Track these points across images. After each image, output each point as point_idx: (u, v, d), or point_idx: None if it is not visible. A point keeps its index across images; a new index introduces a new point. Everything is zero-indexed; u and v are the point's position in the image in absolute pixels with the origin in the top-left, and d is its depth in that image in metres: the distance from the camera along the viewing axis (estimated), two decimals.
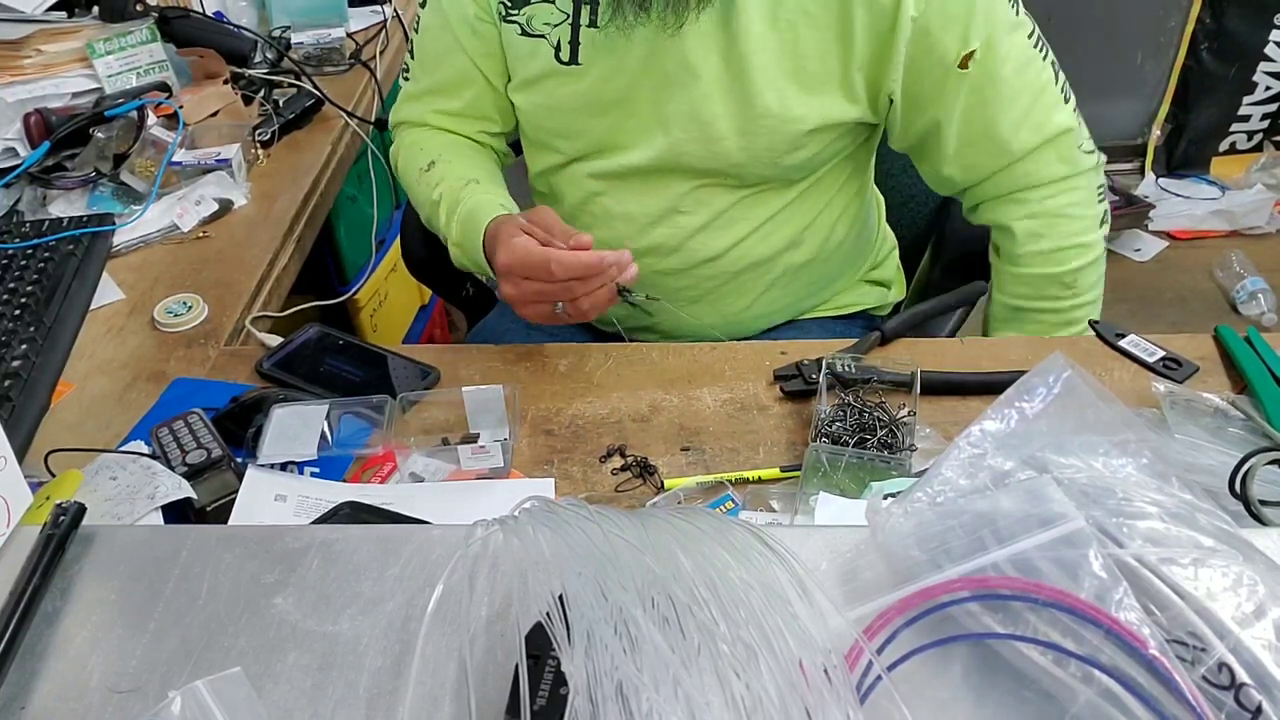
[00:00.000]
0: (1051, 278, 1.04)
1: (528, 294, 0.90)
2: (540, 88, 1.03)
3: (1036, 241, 1.03)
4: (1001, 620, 0.48)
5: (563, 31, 0.99)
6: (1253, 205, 2.77)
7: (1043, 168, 1.00)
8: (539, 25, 1.00)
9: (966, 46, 0.93)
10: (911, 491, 0.54)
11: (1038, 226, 1.02)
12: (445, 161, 1.07)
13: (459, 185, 1.03)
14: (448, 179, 1.05)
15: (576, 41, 0.99)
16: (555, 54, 1.00)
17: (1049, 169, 1.00)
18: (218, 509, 0.78)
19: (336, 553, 0.60)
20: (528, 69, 1.03)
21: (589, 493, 0.82)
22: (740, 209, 1.04)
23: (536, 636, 0.47)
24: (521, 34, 1.01)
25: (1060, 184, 1.01)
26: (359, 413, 0.87)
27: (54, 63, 1.35)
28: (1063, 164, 1.00)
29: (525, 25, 1.01)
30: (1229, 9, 2.70)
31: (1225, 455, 0.77)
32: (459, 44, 1.05)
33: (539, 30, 1.00)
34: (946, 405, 0.88)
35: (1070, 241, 1.02)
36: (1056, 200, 1.01)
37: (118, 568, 0.60)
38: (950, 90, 0.96)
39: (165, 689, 0.52)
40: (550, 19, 0.99)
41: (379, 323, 1.83)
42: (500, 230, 0.93)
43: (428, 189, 1.06)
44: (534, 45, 1.01)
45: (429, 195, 1.06)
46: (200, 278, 1.12)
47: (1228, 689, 0.43)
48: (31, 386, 0.92)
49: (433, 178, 1.06)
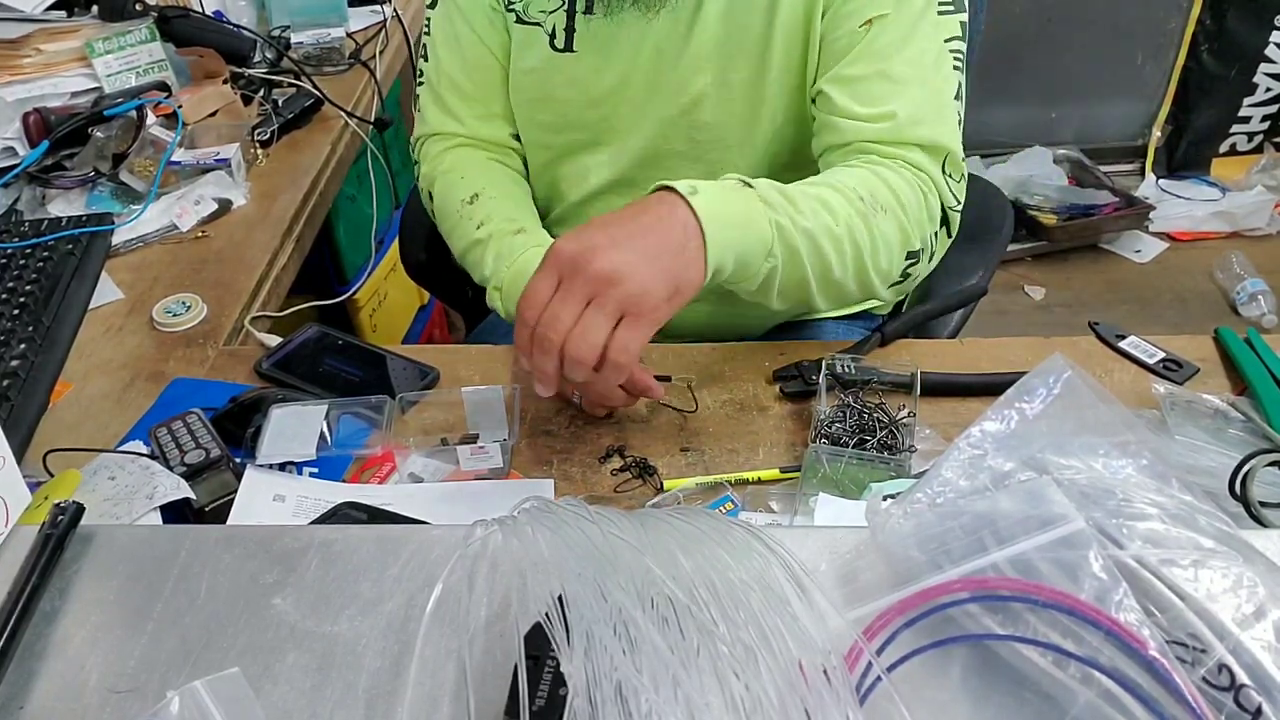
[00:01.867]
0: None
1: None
2: (535, 78, 1.03)
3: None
4: (1001, 621, 0.48)
5: (558, 19, 0.99)
6: (1253, 206, 2.77)
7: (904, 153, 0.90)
8: (535, 13, 1.00)
9: (878, 10, 0.90)
10: (911, 492, 0.54)
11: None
12: (490, 198, 1.03)
13: (508, 229, 0.99)
14: (495, 219, 1.00)
15: (572, 28, 0.98)
16: (550, 41, 1.00)
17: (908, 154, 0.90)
18: (216, 509, 0.78)
19: (335, 553, 0.60)
20: (524, 58, 1.03)
21: (588, 493, 0.82)
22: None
23: (536, 637, 0.47)
24: (518, 21, 1.01)
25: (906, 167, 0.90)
26: (358, 413, 0.87)
27: (53, 62, 1.35)
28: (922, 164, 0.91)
29: (522, 12, 1.01)
30: (1229, 10, 2.70)
31: (1225, 457, 0.77)
32: (477, 35, 1.05)
33: (534, 18, 1.00)
34: (946, 406, 0.88)
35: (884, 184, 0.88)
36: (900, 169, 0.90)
37: (116, 568, 0.60)
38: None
39: (164, 689, 0.52)
40: (546, 5, 0.99)
41: (378, 323, 1.83)
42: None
43: (469, 224, 1.02)
44: (530, 33, 1.01)
45: (470, 231, 1.02)
46: (199, 277, 1.12)
47: (1227, 690, 0.43)
48: (30, 386, 0.92)
49: (475, 213, 1.02)
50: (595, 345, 0.71)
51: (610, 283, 0.71)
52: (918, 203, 0.89)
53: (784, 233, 0.80)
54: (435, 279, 1.41)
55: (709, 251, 0.75)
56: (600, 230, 0.74)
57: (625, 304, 0.71)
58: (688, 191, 0.76)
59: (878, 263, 0.88)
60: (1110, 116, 2.94)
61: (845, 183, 0.86)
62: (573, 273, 0.72)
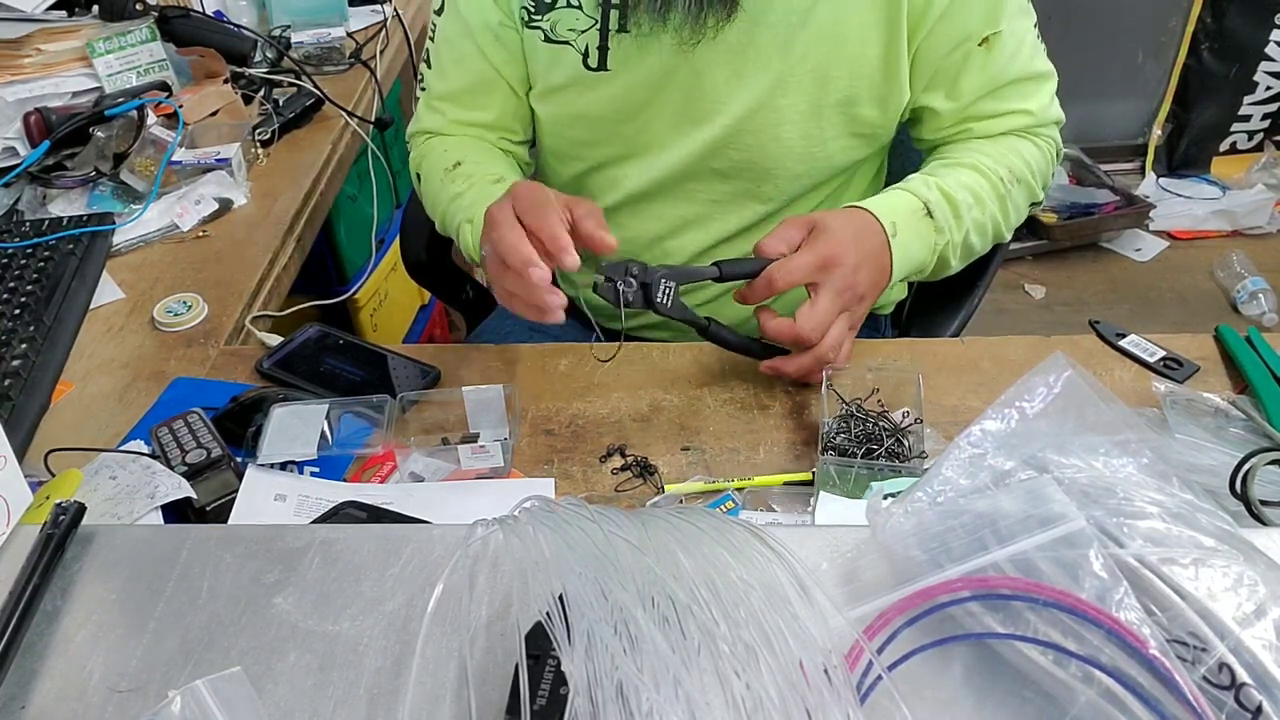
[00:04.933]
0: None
1: (494, 233, 0.82)
2: (565, 95, 1.02)
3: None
4: (1002, 620, 0.48)
5: (591, 38, 0.97)
6: (1253, 205, 2.77)
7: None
8: (563, 31, 0.98)
9: (993, 28, 0.96)
10: (912, 491, 0.54)
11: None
12: (474, 162, 1.04)
13: (488, 181, 1.00)
14: (476, 176, 1.02)
15: (605, 47, 0.97)
16: (583, 60, 0.98)
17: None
18: (217, 509, 0.78)
19: (336, 552, 0.60)
20: (551, 77, 1.02)
21: (589, 493, 0.82)
22: (771, 221, 1.04)
23: (536, 636, 0.47)
24: (545, 40, 0.99)
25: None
26: (359, 412, 0.87)
27: (54, 62, 1.35)
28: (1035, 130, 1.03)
29: (549, 31, 0.99)
30: (1229, 9, 2.70)
31: (1226, 455, 0.77)
32: (481, 52, 1.03)
33: (563, 37, 0.98)
34: (947, 405, 0.88)
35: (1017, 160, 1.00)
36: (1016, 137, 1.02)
37: (118, 567, 0.60)
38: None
39: (165, 688, 0.52)
40: (576, 25, 0.97)
41: (379, 322, 1.83)
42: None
43: (450, 186, 1.03)
44: (558, 52, 0.99)
45: (451, 190, 1.02)
46: (200, 277, 1.12)
47: (1228, 689, 0.43)
48: (31, 386, 0.92)
49: (458, 175, 1.03)
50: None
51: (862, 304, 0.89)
52: (1045, 166, 1.03)
53: (943, 250, 0.95)
54: (435, 279, 1.41)
55: (889, 281, 0.91)
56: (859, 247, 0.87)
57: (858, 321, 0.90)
58: (890, 232, 0.89)
59: (1008, 227, 1.02)
60: (1110, 115, 2.94)
61: (990, 167, 0.98)
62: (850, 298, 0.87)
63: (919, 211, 0.92)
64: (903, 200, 0.93)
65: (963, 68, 0.97)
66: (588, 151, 1.07)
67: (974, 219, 0.96)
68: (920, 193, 0.93)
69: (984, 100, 0.99)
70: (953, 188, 0.95)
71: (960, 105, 0.99)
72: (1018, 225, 1.04)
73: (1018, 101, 1.00)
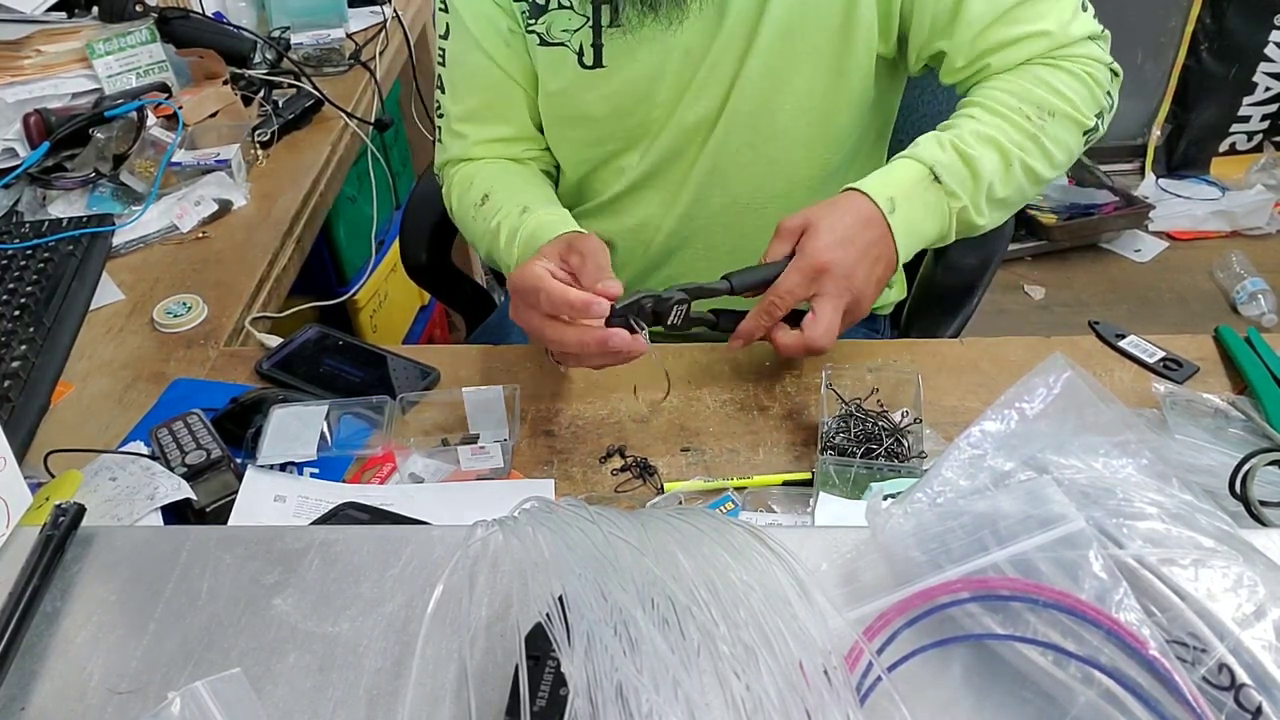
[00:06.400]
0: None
1: (528, 325, 0.85)
2: (566, 95, 1.03)
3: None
4: (1002, 621, 0.48)
5: (584, 35, 0.98)
6: (1253, 206, 2.77)
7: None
8: (558, 33, 0.99)
9: None
10: (911, 492, 0.54)
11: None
12: (498, 192, 1.04)
13: (516, 213, 1.00)
14: (504, 208, 1.02)
15: (599, 44, 0.98)
16: (579, 59, 0.99)
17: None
18: (217, 510, 0.78)
19: (336, 553, 0.60)
20: (552, 79, 1.03)
21: (589, 493, 0.82)
22: (780, 177, 1.05)
23: (536, 637, 0.47)
24: (541, 44, 1.01)
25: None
26: (359, 413, 0.87)
27: (54, 63, 1.35)
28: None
29: (544, 34, 1.00)
30: (1229, 9, 2.70)
31: (1225, 456, 0.77)
32: (492, 60, 1.04)
33: (558, 38, 1.00)
34: (946, 406, 0.88)
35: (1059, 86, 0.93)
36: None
37: (117, 568, 0.60)
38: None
39: (165, 689, 0.52)
40: (569, 25, 0.99)
41: (379, 323, 1.83)
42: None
43: (484, 222, 1.03)
44: (555, 54, 1.00)
45: (486, 227, 1.03)
46: (200, 278, 1.12)
47: (1228, 690, 0.43)
48: (31, 387, 0.92)
49: (488, 211, 1.03)
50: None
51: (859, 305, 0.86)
52: (1086, 91, 0.96)
53: (961, 214, 0.89)
54: (435, 279, 1.41)
55: (898, 260, 0.87)
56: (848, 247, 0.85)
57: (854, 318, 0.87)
58: (887, 210, 0.86)
59: (1053, 164, 0.95)
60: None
61: (1013, 106, 0.92)
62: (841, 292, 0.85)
63: (924, 180, 0.88)
64: (905, 171, 0.89)
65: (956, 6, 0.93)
66: (590, 150, 1.08)
67: (996, 171, 0.90)
68: (927, 157, 0.89)
69: (993, 28, 0.94)
70: (969, 142, 0.90)
71: (969, 39, 0.94)
72: (1071, 162, 0.97)
73: (1031, 23, 0.94)
